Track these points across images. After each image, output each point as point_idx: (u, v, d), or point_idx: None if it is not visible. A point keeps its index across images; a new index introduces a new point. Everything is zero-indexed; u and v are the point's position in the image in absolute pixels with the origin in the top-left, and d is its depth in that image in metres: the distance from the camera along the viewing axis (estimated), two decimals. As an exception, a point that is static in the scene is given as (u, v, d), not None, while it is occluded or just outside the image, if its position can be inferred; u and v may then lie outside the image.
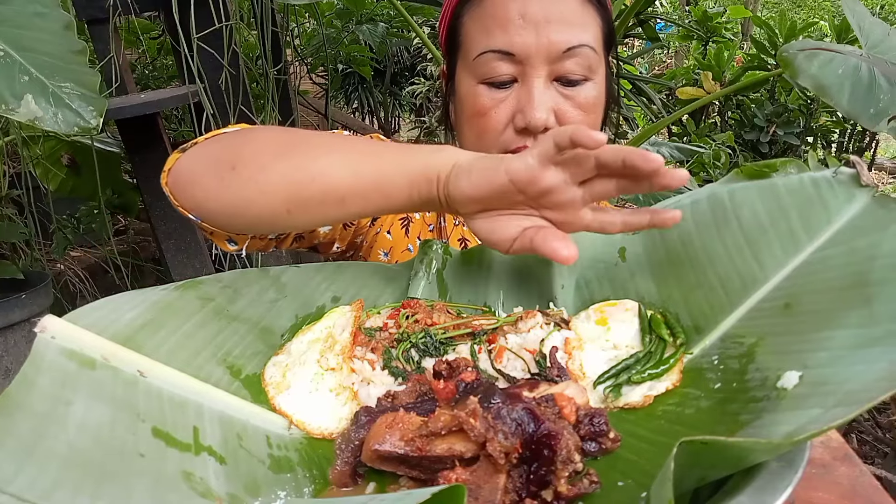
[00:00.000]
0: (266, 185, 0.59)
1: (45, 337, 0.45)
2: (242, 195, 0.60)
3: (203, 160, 0.65)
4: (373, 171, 0.57)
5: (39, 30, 1.14)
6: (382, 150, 0.59)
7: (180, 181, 0.65)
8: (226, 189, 0.61)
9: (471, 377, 0.51)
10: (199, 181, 0.64)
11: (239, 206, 0.61)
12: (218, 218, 0.64)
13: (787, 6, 9.75)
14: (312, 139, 0.62)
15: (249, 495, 0.46)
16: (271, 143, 0.62)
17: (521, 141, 0.79)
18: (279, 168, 0.59)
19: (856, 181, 0.55)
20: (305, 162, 0.58)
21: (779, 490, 0.36)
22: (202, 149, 0.66)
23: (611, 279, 0.66)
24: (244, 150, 0.62)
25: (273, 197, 0.59)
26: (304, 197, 0.58)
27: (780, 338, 0.50)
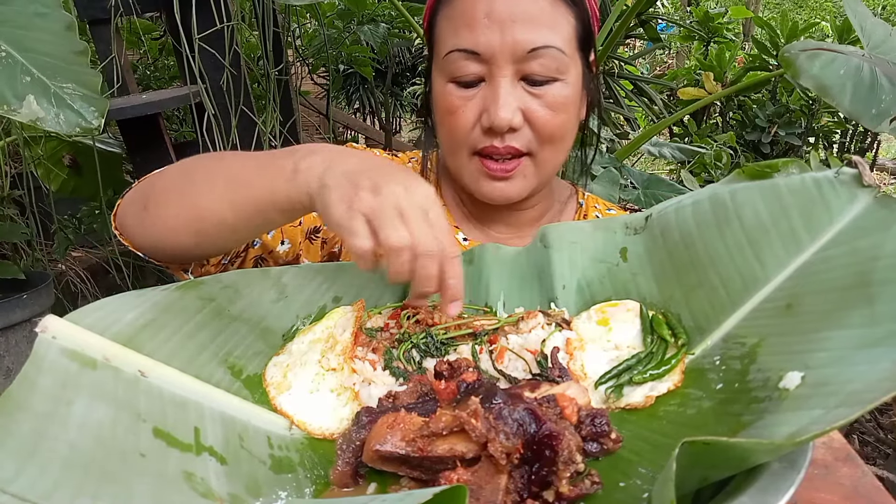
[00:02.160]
0: (168, 222, 0.66)
1: (46, 337, 0.45)
2: (154, 232, 0.68)
3: (128, 204, 0.72)
4: (249, 202, 0.61)
5: (41, 30, 1.14)
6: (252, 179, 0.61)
7: (121, 225, 0.73)
8: (142, 227, 0.69)
9: (472, 378, 0.51)
10: (128, 224, 0.71)
11: (156, 241, 0.68)
12: (150, 252, 0.71)
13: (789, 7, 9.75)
14: (197, 173, 0.67)
15: (250, 496, 0.46)
16: (172, 180, 0.68)
17: (488, 141, 0.78)
18: (174, 208, 0.65)
19: (858, 181, 0.55)
20: (192, 199, 0.64)
21: (781, 491, 0.36)
22: (130, 193, 0.73)
23: (612, 279, 0.66)
24: (153, 190, 0.69)
25: (177, 233, 0.66)
26: (202, 230, 0.64)
27: (782, 338, 0.50)
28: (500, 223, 0.91)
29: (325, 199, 0.54)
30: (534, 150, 0.79)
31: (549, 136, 0.79)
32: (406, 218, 0.52)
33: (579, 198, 0.99)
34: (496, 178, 0.80)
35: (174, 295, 0.57)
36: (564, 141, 0.82)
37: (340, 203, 0.53)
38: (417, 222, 0.52)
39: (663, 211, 0.66)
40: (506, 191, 0.82)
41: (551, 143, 0.80)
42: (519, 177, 0.81)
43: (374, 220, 0.52)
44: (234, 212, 0.62)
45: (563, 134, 0.81)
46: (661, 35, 3.00)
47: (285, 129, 2.19)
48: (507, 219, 0.91)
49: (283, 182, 0.58)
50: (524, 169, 0.80)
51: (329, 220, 0.54)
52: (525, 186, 0.82)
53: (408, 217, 0.52)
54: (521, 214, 0.91)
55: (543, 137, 0.79)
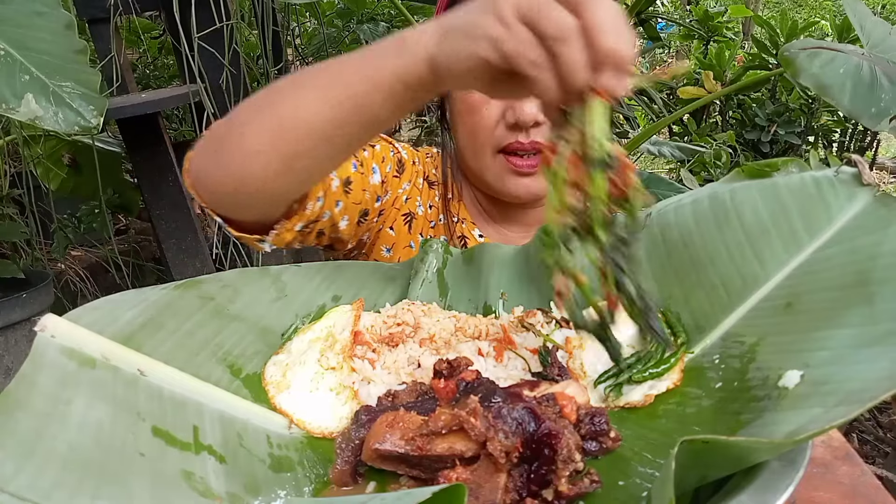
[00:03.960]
0: (250, 146, 0.58)
1: (45, 336, 0.45)
2: (235, 165, 0.59)
3: (200, 150, 0.65)
4: (346, 96, 0.53)
5: (40, 29, 1.14)
6: (347, 70, 0.54)
7: (194, 175, 0.66)
8: (219, 167, 0.61)
9: (471, 376, 0.51)
10: (202, 169, 0.64)
11: (236, 179, 0.60)
12: (228, 202, 0.64)
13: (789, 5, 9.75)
14: (277, 86, 0.59)
15: (249, 494, 0.46)
16: (245, 107, 0.61)
17: (513, 137, 0.79)
18: (256, 125, 0.57)
19: (857, 180, 0.55)
20: (278, 110, 0.56)
21: (780, 489, 0.36)
22: (201, 141, 0.67)
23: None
24: (225, 125, 0.62)
25: (263, 156, 0.57)
26: (291, 147, 0.56)
27: (782, 337, 0.50)
28: (515, 223, 0.92)
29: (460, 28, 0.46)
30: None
31: None
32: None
33: None
34: (522, 174, 0.81)
35: (173, 294, 0.57)
36: None
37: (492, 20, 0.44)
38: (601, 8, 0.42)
39: (663, 210, 0.66)
40: (531, 187, 0.82)
41: None
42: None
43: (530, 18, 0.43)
44: (330, 109, 0.54)
45: None
46: (661, 34, 3.00)
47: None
48: (522, 218, 0.92)
49: (389, 57, 0.50)
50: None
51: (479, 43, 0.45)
52: None
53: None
54: (531, 213, 0.91)
55: None
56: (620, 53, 0.42)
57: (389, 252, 0.92)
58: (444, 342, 0.61)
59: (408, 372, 0.58)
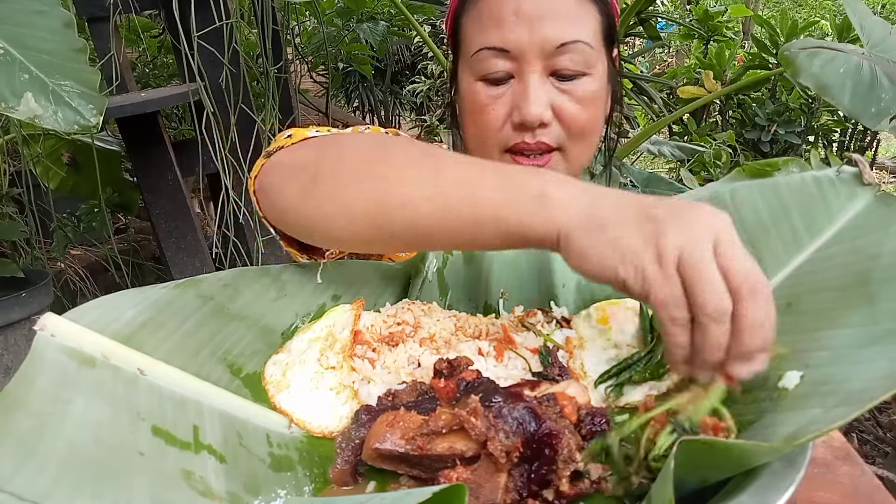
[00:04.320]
0: (349, 206, 0.54)
1: (44, 335, 0.45)
2: (323, 212, 0.56)
3: (287, 169, 0.61)
4: (464, 206, 0.49)
5: (39, 28, 1.14)
6: (478, 196, 0.49)
7: (267, 188, 0.62)
8: (306, 203, 0.57)
9: (472, 376, 0.51)
10: (282, 190, 0.60)
11: (319, 222, 0.57)
12: (298, 231, 0.62)
13: (788, 5, 9.75)
14: (402, 155, 0.55)
15: (249, 494, 0.45)
16: (357, 156, 0.57)
17: (519, 137, 0.79)
18: (364, 190, 0.53)
19: (858, 180, 0.55)
20: (392, 186, 0.52)
21: (781, 490, 0.36)
22: (286, 155, 0.62)
23: (612, 278, 0.66)
24: (328, 160, 0.58)
25: (357, 220, 0.54)
26: (389, 226, 0.53)
27: (782, 337, 0.50)
28: None
29: (609, 235, 0.43)
30: (564, 145, 0.80)
31: (579, 131, 0.80)
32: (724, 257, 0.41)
33: None
34: None
35: (173, 293, 0.56)
36: (594, 135, 0.83)
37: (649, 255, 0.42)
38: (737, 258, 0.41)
39: (663, 209, 0.65)
40: None
41: (581, 138, 0.81)
42: None
43: (688, 274, 0.41)
44: (441, 214, 0.50)
45: (592, 128, 0.82)
46: (661, 33, 3.00)
47: (284, 127, 2.19)
48: None
49: (523, 206, 0.46)
50: (555, 164, 0.81)
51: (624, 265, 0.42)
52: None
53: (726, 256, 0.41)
54: None
55: (573, 132, 0.80)
56: (760, 353, 0.42)
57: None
58: (444, 342, 0.61)
59: (408, 371, 0.58)
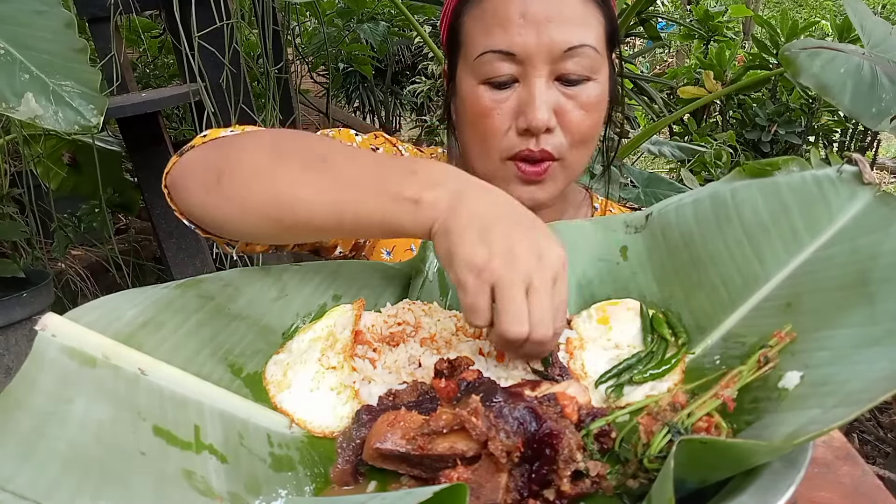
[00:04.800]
0: (248, 204, 0.59)
1: (45, 335, 0.45)
2: (226, 210, 0.61)
3: (193, 167, 0.65)
4: (352, 212, 0.56)
5: (40, 28, 1.14)
6: (360, 192, 0.56)
7: (176, 186, 0.66)
8: (210, 201, 0.62)
9: (472, 376, 0.51)
10: (189, 188, 0.64)
11: (224, 219, 0.62)
12: (207, 226, 0.65)
13: (789, 5, 9.75)
14: (297, 155, 0.60)
15: (250, 494, 0.46)
16: (256, 155, 0.61)
17: (524, 144, 0.78)
18: (261, 189, 0.58)
19: (858, 179, 0.55)
20: (286, 186, 0.57)
21: (781, 490, 0.36)
22: (195, 154, 0.66)
23: (612, 278, 0.66)
24: (230, 160, 0.62)
25: (255, 217, 0.59)
26: (285, 222, 0.58)
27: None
28: None
29: (452, 249, 0.51)
30: (564, 154, 0.80)
31: (581, 137, 0.79)
32: (532, 299, 0.49)
33: (594, 202, 0.98)
34: (529, 181, 0.81)
35: (174, 293, 0.57)
36: (593, 141, 0.83)
37: (469, 265, 0.49)
38: (542, 305, 0.49)
39: (664, 209, 0.66)
40: (536, 194, 0.82)
41: (582, 145, 0.80)
42: (549, 181, 0.81)
43: (500, 300, 0.49)
44: (334, 218, 0.56)
45: (593, 135, 0.82)
46: (661, 34, 3.00)
47: (285, 127, 2.19)
48: None
49: (400, 211, 0.54)
50: (554, 172, 0.81)
51: (451, 274, 0.51)
52: (555, 190, 0.83)
53: (534, 298, 0.49)
54: (539, 216, 0.91)
55: (575, 139, 0.79)
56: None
57: (390, 255, 0.91)
58: (444, 342, 0.61)
59: (409, 371, 0.58)
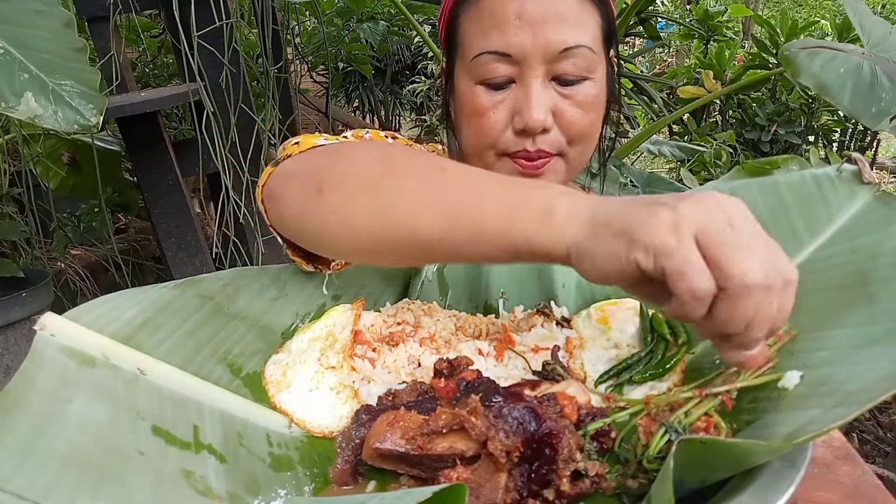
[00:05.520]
0: (351, 218, 0.54)
1: (44, 335, 0.45)
2: (326, 223, 0.56)
3: (292, 178, 0.61)
4: (468, 222, 0.48)
5: (39, 27, 1.14)
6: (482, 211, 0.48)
7: (272, 196, 0.62)
8: (310, 213, 0.57)
9: (472, 375, 0.51)
10: (287, 198, 0.60)
11: (322, 233, 0.57)
12: (302, 239, 0.62)
13: (789, 5, 9.75)
14: (407, 169, 0.54)
15: (249, 494, 0.46)
16: (362, 167, 0.56)
17: (521, 144, 0.78)
18: (366, 202, 0.53)
19: (857, 178, 0.55)
20: (395, 200, 0.52)
21: (781, 489, 0.36)
22: (293, 164, 0.63)
23: (612, 278, 0.66)
24: (333, 171, 0.58)
25: (358, 232, 0.54)
26: (391, 239, 0.53)
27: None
28: None
29: (622, 226, 0.41)
30: (564, 150, 0.80)
31: (579, 136, 0.79)
32: (746, 234, 0.39)
33: None
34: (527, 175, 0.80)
35: (173, 293, 0.57)
36: (593, 139, 0.83)
37: (657, 221, 0.39)
38: (764, 244, 0.39)
39: (663, 209, 0.65)
40: None
41: (581, 142, 0.80)
42: (549, 173, 0.81)
43: (712, 246, 0.38)
44: (445, 230, 0.49)
45: (591, 133, 0.81)
46: (661, 33, 3.00)
47: (285, 127, 2.19)
48: None
49: (530, 223, 0.45)
50: (554, 165, 0.81)
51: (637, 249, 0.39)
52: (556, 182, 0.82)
53: (744, 238, 0.39)
54: None
55: (573, 137, 0.79)
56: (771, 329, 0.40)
57: None
58: (444, 341, 0.61)
59: (408, 371, 0.58)
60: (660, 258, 0.38)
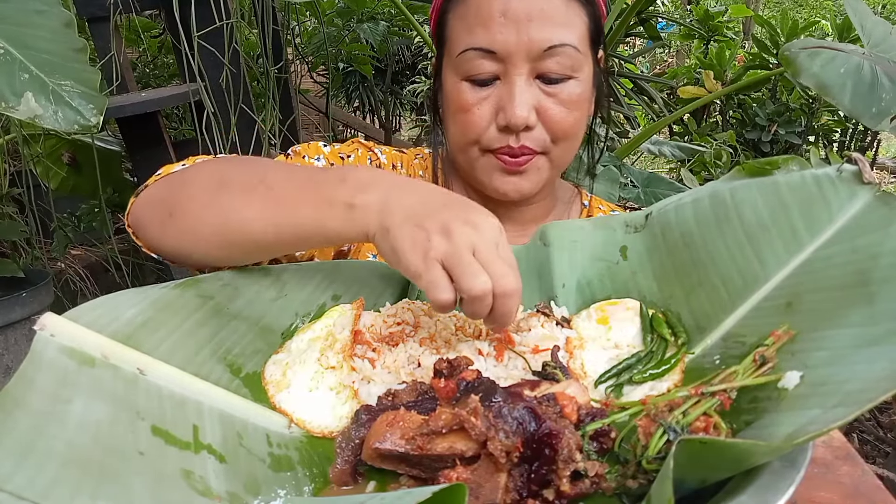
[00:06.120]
0: (199, 233, 0.62)
1: (44, 335, 0.45)
2: (181, 242, 0.64)
3: (149, 205, 0.68)
4: (291, 226, 0.59)
5: (40, 27, 1.14)
6: (298, 206, 0.59)
7: (136, 225, 0.69)
8: (167, 235, 0.65)
9: (472, 376, 0.51)
10: (147, 226, 0.67)
11: (183, 250, 0.65)
12: (171, 258, 0.68)
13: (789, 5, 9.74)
14: (237, 181, 0.63)
15: (249, 494, 0.45)
16: (203, 186, 0.64)
17: (504, 140, 0.79)
18: (210, 222, 0.62)
19: (858, 178, 0.55)
20: (229, 213, 0.61)
21: (781, 489, 0.36)
22: (148, 193, 0.69)
23: (612, 278, 0.66)
24: (180, 195, 0.65)
25: (206, 244, 0.62)
26: (235, 245, 0.61)
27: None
28: (509, 220, 0.92)
29: (394, 245, 0.53)
30: (547, 148, 0.80)
31: (563, 134, 0.80)
32: (482, 259, 0.51)
33: (583, 199, 0.99)
34: (510, 172, 0.81)
35: (173, 293, 0.57)
36: (577, 138, 0.83)
37: (414, 252, 0.52)
38: (494, 262, 0.51)
39: (663, 209, 0.65)
40: (519, 185, 0.82)
41: (565, 141, 0.81)
42: (532, 170, 0.81)
43: (453, 268, 0.51)
44: (275, 234, 0.59)
45: (576, 132, 0.82)
46: (662, 33, 3.00)
47: (285, 127, 2.19)
48: (516, 216, 0.91)
49: (335, 217, 0.57)
50: (537, 162, 0.81)
51: (401, 267, 0.53)
52: (538, 181, 0.83)
53: (483, 258, 0.51)
54: (526, 211, 0.91)
55: (557, 135, 0.79)
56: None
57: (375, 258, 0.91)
58: (444, 341, 0.61)
59: (408, 371, 0.58)
60: (415, 279, 0.52)
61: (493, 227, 0.54)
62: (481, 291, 0.50)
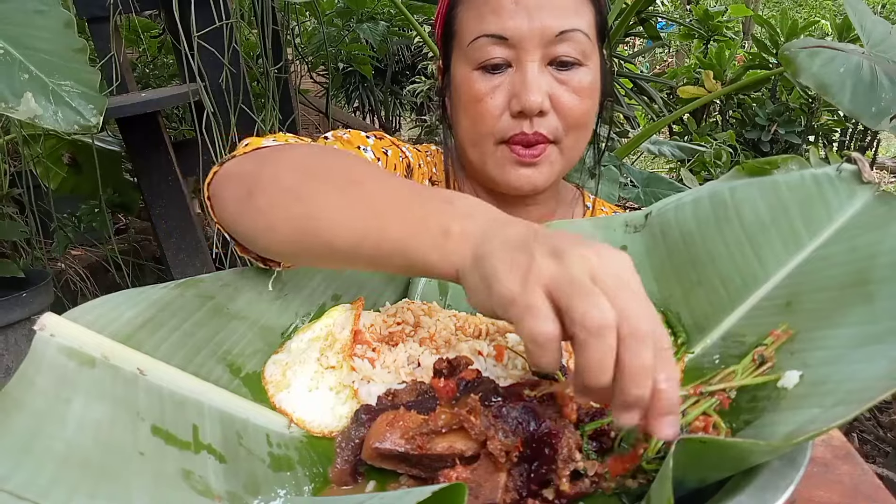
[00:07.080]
0: (275, 223, 0.56)
1: (44, 335, 0.45)
2: (253, 226, 0.59)
3: (230, 179, 0.63)
4: (376, 243, 0.50)
5: (39, 28, 1.14)
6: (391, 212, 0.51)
7: (214, 196, 0.64)
8: (241, 215, 0.60)
9: (471, 375, 0.51)
10: (224, 199, 0.62)
11: (254, 234, 0.60)
12: (239, 238, 0.63)
13: (789, 5, 9.74)
14: (329, 175, 0.56)
15: (249, 494, 0.45)
16: (290, 172, 0.58)
17: (518, 127, 0.79)
18: (289, 209, 0.56)
19: (857, 178, 0.55)
20: (316, 210, 0.54)
21: (780, 489, 0.36)
22: (232, 165, 0.64)
23: (611, 278, 0.66)
24: (262, 176, 0.60)
25: (281, 237, 0.57)
26: (309, 245, 0.55)
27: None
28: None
29: (486, 272, 0.42)
30: (559, 137, 0.81)
31: (575, 122, 0.80)
32: (604, 287, 0.38)
33: (586, 200, 0.99)
34: (524, 164, 0.81)
35: (173, 293, 0.57)
36: (588, 128, 0.84)
37: (511, 273, 0.40)
38: (621, 293, 0.38)
39: (663, 209, 0.66)
40: (532, 178, 0.82)
41: (576, 130, 0.81)
42: (545, 163, 0.82)
43: (561, 295, 0.38)
44: (354, 244, 0.51)
45: (587, 121, 0.82)
46: (661, 33, 3.00)
47: (285, 127, 2.19)
48: (524, 215, 0.91)
49: (425, 241, 0.47)
50: (550, 155, 0.82)
51: (493, 297, 0.41)
52: (551, 174, 0.83)
53: (606, 287, 0.38)
54: (532, 211, 0.91)
55: (569, 123, 0.80)
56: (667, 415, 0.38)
57: None
58: (444, 341, 0.61)
59: (408, 371, 0.58)
60: (507, 308, 0.40)
61: (622, 259, 0.41)
62: (600, 321, 0.36)
